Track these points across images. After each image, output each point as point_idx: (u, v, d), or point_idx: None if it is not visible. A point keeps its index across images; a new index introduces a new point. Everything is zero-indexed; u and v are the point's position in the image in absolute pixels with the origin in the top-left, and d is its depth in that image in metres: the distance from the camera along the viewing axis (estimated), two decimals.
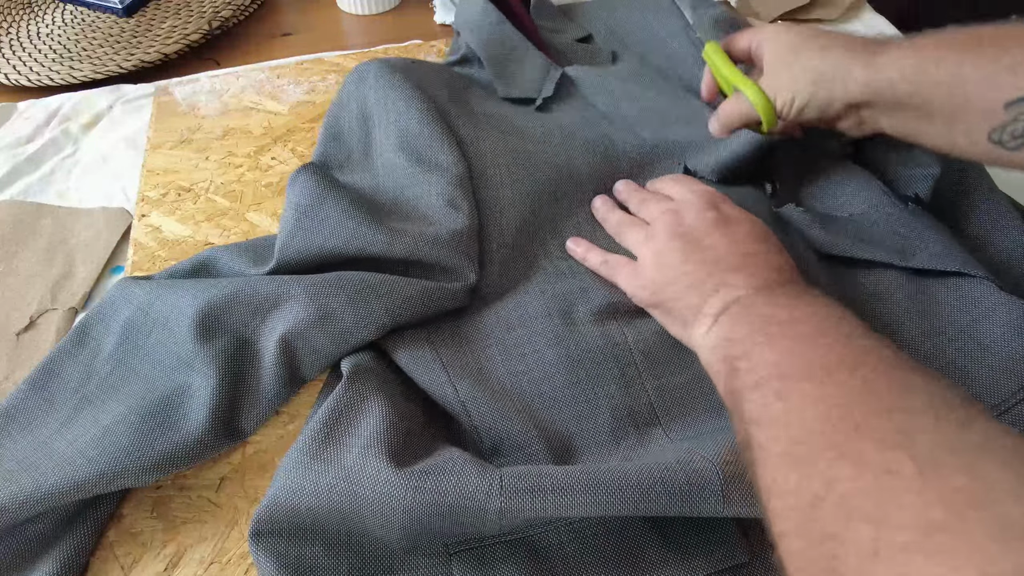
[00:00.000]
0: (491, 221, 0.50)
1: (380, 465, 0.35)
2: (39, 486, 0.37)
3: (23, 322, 0.50)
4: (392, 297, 0.43)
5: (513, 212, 0.50)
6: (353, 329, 0.43)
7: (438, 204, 0.48)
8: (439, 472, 0.35)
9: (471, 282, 0.46)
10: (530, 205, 0.51)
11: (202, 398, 0.41)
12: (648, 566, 0.36)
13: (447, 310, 0.46)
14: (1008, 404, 0.39)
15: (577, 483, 0.34)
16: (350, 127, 0.56)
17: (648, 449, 0.40)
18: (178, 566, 0.38)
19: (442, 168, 0.50)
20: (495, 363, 0.43)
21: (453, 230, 0.47)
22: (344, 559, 0.36)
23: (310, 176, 0.49)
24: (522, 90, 0.60)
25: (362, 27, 0.79)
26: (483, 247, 0.49)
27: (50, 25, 0.77)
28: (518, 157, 0.53)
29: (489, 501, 0.34)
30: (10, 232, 0.56)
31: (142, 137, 0.63)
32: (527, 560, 0.37)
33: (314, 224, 0.46)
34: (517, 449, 0.40)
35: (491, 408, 0.41)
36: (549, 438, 0.40)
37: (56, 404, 0.42)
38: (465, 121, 0.54)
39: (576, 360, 0.43)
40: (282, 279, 0.44)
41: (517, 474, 0.35)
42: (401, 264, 0.46)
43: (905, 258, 0.45)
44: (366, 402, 0.40)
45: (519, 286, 0.48)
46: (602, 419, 0.41)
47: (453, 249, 0.46)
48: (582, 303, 0.46)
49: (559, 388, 0.42)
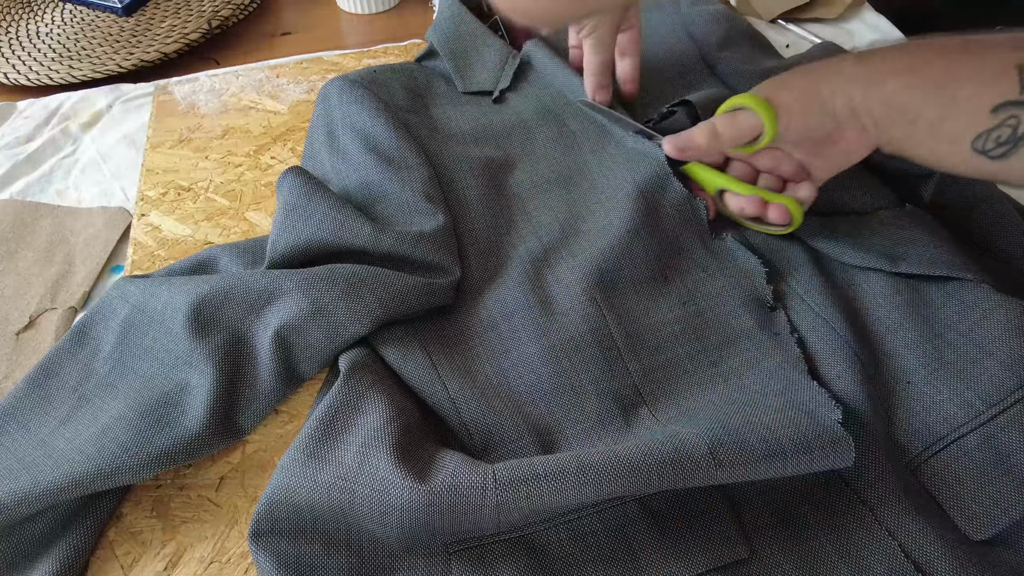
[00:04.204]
0: (461, 222, 0.51)
1: (378, 463, 0.36)
2: (37, 483, 0.37)
3: (22, 321, 0.50)
4: (385, 289, 0.44)
5: (481, 211, 0.51)
6: (347, 322, 0.43)
7: (414, 201, 0.49)
8: (434, 471, 0.35)
9: (456, 277, 0.47)
10: (497, 204, 0.52)
11: (200, 395, 0.41)
12: (646, 563, 0.36)
13: (434, 307, 0.46)
14: (1008, 403, 0.39)
15: (568, 467, 0.35)
16: (320, 146, 0.57)
17: (635, 431, 0.40)
18: (178, 565, 0.39)
19: (412, 167, 0.51)
20: (482, 361, 0.44)
21: (434, 227, 0.47)
22: (344, 559, 0.36)
23: (297, 176, 0.49)
24: (479, 84, 0.61)
25: (361, 26, 0.79)
26: (460, 244, 0.50)
27: (49, 24, 0.77)
28: (479, 162, 0.54)
29: (485, 496, 0.34)
30: (10, 231, 0.56)
31: (141, 136, 0.63)
32: (526, 558, 0.37)
33: (302, 219, 0.47)
34: (507, 443, 0.40)
35: (480, 405, 0.41)
36: (539, 431, 0.41)
37: (55, 402, 0.42)
38: (426, 133, 0.56)
39: (559, 349, 0.43)
40: (274, 274, 0.45)
41: (509, 467, 0.35)
42: (387, 260, 0.46)
43: (894, 263, 0.45)
44: (363, 400, 0.40)
45: (496, 280, 0.48)
46: (589, 405, 0.42)
47: (436, 246, 0.47)
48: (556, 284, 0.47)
49: (544, 379, 0.43)
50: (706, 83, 0.62)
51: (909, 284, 0.45)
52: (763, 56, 0.63)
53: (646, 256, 0.47)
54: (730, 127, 0.47)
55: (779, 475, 0.36)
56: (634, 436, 0.40)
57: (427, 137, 0.55)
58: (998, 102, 0.37)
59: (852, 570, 0.36)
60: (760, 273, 0.47)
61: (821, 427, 0.37)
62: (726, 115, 0.47)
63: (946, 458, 0.39)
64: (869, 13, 0.76)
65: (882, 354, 0.43)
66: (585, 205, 0.52)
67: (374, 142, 0.53)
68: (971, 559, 0.36)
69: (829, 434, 0.37)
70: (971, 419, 0.39)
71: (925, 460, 0.40)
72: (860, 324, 0.44)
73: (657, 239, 0.48)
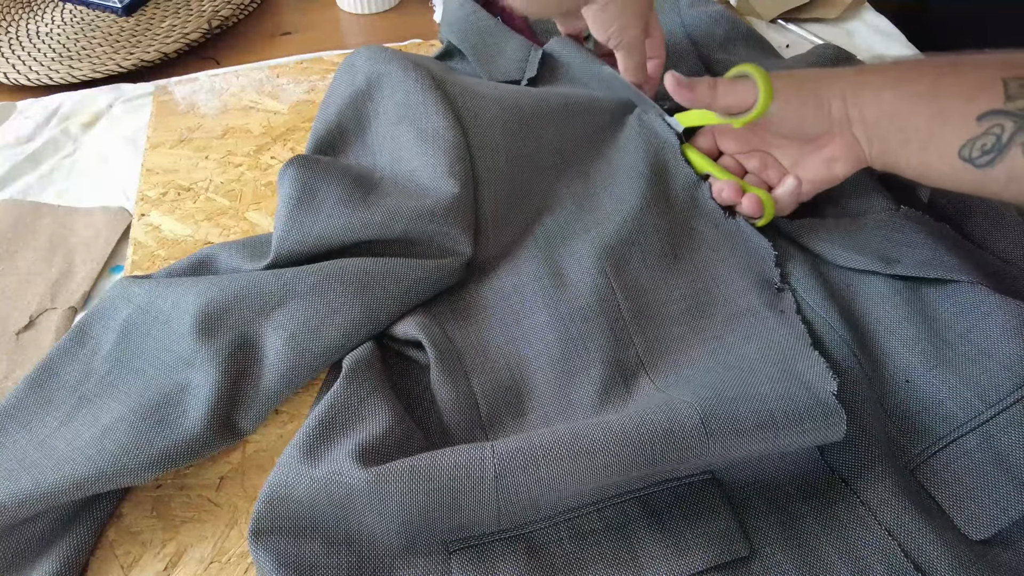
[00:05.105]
0: (486, 188, 0.51)
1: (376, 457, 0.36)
2: (38, 484, 0.37)
3: (23, 321, 0.50)
4: (398, 284, 0.44)
5: (507, 179, 0.51)
6: (363, 320, 0.43)
7: (435, 174, 0.49)
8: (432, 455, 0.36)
9: (467, 255, 0.47)
10: (525, 171, 0.52)
11: (201, 396, 0.41)
12: (646, 561, 0.36)
13: (446, 287, 0.47)
14: (1007, 403, 0.39)
15: (563, 437, 0.36)
16: (343, 112, 0.55)
17: (635, 399, 0.41)
18: (178, 565, 0.39)
19: (439, 135, 0.50)
20: (494, 332, 0.45)
21: (449, 201, 0.47)
22: (344, 558, 0.36)
23: (298, 168, 0.49)
24: (505, 73, 0.61)
25: (362, 26, 0.79)
26: (477, 215, 0.50)
27: (49, 24, 0.77)
28: (513, 124, 0.53)
29: (484, 468, 0.35)
30: (10, 231, 0.56)
31: (142, 136, 0.63)
32: (526, 557, 0.37)
33: (308, 214, 0.46)
34: (512, 413, 0.42)
35: (491, 378, 0.43)
36: (544, 399, 0.42)
37: (55, 403, 0.42)
38: (461, 91, 0.54)
39: (568, 318, 0.45)
40: (286, 276, 0.44)
41: (506, 441, 0.36)
42: (399, 243, 0.46)
43: (889, 265, 0.45)
44: (365, 401, 0.40)
45: (511, 253, 0.49)
46: (594, 372, 0.43)
47: (449, 221, 0.47)
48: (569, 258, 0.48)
49: (552, 345, 0.44)
50: None
51: (907, 285, 0.45)
52: (763, 57, 0.63)
53: (657, 234, 0.48)
54: (728, 89, 0.48)
55: (771, 448, 0.37)
56: (634, 403, 0.41)
57: (461, 95, 0.54)
58: (983, 110, 0.39)
59: (852, 570, 0.36)
60: (769, 254, 0.47)
61: (815, 398, 0.38)
62: (729, 79, 0.48)
63: (945, 458, 0.39)
64: (869, 13, 0.76)
65: (881, 354, 0.43)
66: (600, 182, 0.52)
67: (405, 104, 0.52)
68: (971, 559, 0.36)
69: (822, 406, 0.37)
70: (970, 419, 0.39)
71: (924, 460, 0.40)
72: (858, 324, 0.44)
73: (669, 218, 0.49)
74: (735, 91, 0.47)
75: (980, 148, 0.39)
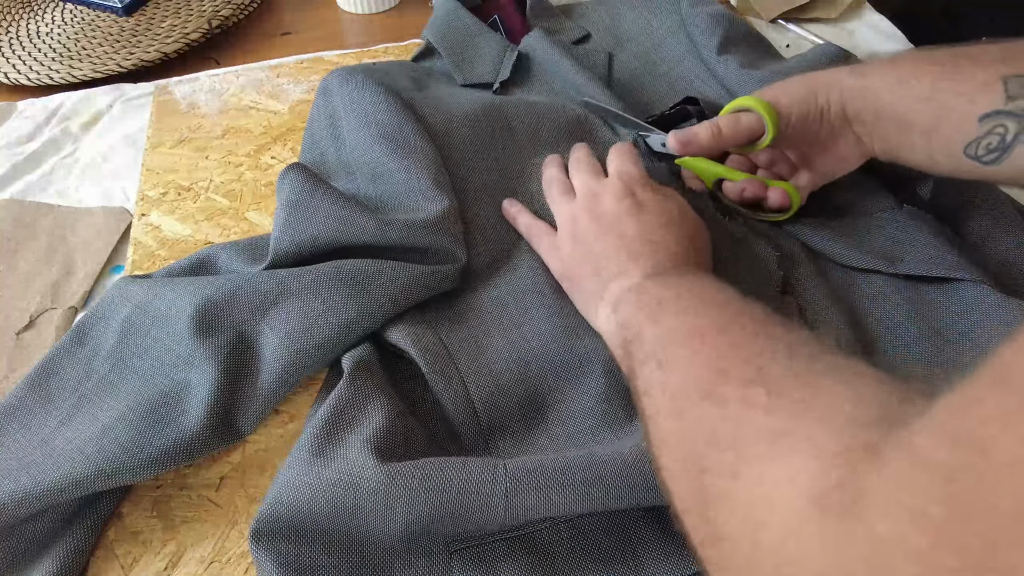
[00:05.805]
0: (468, 204, 0.51)
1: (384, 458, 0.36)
2: (38, 483, 0.37)
3: (23, 321, 0.50)
4: (393, 284, 0.44)
5: (487, 193, 0.52)
6: (358, 319, 0.43)
7: (422, 187, 0.49)
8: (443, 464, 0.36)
9: (462, 262, 0.47)
10: (505, 181, 0.53)
11: (201, 395, 0.41)
12: (647, 561, 0.36)
13: (441, 291, 0.47)
14: None
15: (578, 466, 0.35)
16: (323, 138, 0.57)
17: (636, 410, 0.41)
18: (178, 565, 0.38)
19: (419, 150, 0.51)
20: (493, 338, 0.45)
21: (440, 212, 0.47)
22: (344, 559, 0.36)
23: (298, 173, 0.49)
24: (479, 76, 0.61)
25: (362, 26, 0.79)
26: (467, 227, 0.50)
27: (50, 24, 0.77)
28: (485, 144, 0.54)
29: (495, 487, 0.35)
30: (10, 231, 0.56)
31: (142, 136, 0.63)
32: (527, 557, 0.37)
33: (306, 216, 0.47)
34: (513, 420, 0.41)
35: (488, 382, 0.42)
36: (545, 407, 0.42)
37: (55, 402, 0.42)
38: (432, 111, 0.55)
39: (572, 329, 0.44)
40: (281, 275, 0.44)
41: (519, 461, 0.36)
42: (394, 250, 0.46)
43: (892, 264, 0.45)
44: (369, 401, 0.40)
45: (506, 265, 0.49)
46: (596, 380, 0.42)
47: (443, 231, 0.47)
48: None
49: (554, 353, 0.43)
50: (706, 85, 0.62)
51: (908, 284, 0.45)
52: (763, 57, 0.63)
53: None
54: (733, 127, 0.48)
55: None
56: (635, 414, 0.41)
57: (433, 115, 0.55)
58: (985, 111, 0.39)
59: None
60: (772, 259, 0.47)
61: None
62: (730, 115, 0.48)
63: None
64: (869, 13, 0.76)
65: (881, 353, 0.43)
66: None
67: (379, 125, 0.53)
68: None
69: None
70: None
71: None
72: (859, 323, 0.44)
73: None
74: (740, 125, 0.47)
75: (985, 147, 0.39)
